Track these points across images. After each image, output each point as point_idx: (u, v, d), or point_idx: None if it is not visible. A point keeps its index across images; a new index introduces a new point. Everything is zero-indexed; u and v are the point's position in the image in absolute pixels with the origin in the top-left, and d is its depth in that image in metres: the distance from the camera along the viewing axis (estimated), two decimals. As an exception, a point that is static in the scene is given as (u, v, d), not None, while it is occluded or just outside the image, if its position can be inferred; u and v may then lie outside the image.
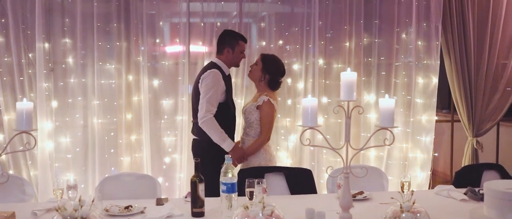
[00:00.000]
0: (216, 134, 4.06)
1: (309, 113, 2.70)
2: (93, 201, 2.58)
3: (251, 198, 3.12)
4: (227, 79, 4.21)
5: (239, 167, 4.29)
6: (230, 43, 4.23)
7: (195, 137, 4.28)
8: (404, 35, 5.31)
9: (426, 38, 5.30)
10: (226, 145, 4.07)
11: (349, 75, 2.67)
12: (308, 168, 4.75)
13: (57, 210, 2.46)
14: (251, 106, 4.24)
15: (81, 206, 2.48)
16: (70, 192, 3.26)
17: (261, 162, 4.22)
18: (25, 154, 4.84)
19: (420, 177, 5.42)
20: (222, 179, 3.04)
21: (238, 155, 4.14)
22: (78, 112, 4.93)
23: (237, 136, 4.57)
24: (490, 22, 5.29)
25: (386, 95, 2.78)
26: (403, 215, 2.74)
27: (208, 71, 4.11)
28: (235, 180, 3.04)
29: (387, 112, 2.74)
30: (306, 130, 2.75)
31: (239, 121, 4.68)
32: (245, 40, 4.30)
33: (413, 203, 2.77)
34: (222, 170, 3.05)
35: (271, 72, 4.26)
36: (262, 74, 4.25)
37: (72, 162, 4.95)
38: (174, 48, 5.08)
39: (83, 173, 4.96)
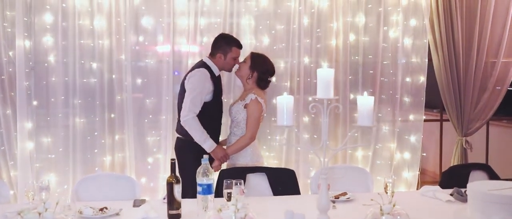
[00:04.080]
0: (197, 134, 3.97)
1: (285, 111, 2.58)
2: (57, 203, 2.45)
3: (229, 199, 3.01)
4: (216, 79, 4.13)
5: (224, 165, 4.19)
6: (223, 49, 4.12)
7: (179, 136, 4.21)
8: (391, 33, 5.21)
9: (414, 36, 5.23)
10: (207, 145, 3.97)
11: (326, 72, 2.54)
12: (293, 168, 4.66)
13: (19, 214, 2.33)
14: (238, 105, 4.12)
15: (46, 209, 2.35)
16: (43, 193, 3.11)
17: (248, 162, 4.11)
18: (6, 154, 4.74)
19: (408, 177, 5.34)
20: (198, 180, 2.97)
21: (219, 155, 4.04)
22: (60, 111, 4.83)
23: (223, 135, 4.48)
24: (479, 19, 5.18)
25: (365, 92, 2.65)
26: (383, 218, 2.61)
27: (196, 70, 4.03)
28: (211, 181, 2.98)
29: (366, 110, 2.61)
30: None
31: (225, 120, 4.56)
32: (239, 46, 4.18)
33: (394, 205, 2.65)
34: (198, 170, 2.98)
35: (259, 70, 4.14)
36: (250, 72, 4.13)
37: (55, 163, 4.85)
38: (158, 46, 4.99)
39: (66, 174, 4.86)
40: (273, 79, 5.03)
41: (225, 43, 4.13)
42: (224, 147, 4.20)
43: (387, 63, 5.24)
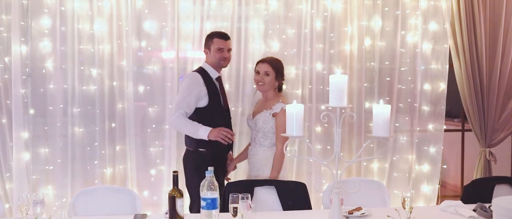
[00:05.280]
0: (186, 128, 4.02)
1: (295, 120, 2.52)
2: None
3: (235, 214, 3.04)
4: (211, 83, 4.12)
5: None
6: (207, 44, 4.20)
7: (187, 147, 4.21)
8: (409, 38, 5.16)
9: (434, 41, 5.18)
10: (202, 132, 3.96)
11: (339, 79, 2.49)
12: (305, 180, 4.64)
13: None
14: (265, 114, 4.12)
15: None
16: (37, 207, 3.07)
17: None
18: (1, 165, 4.71)
19: (428, 190, 5.27)
20: (202, 194, 2.95)
21: (216, 133, 3.96)
22: (58, 120, 4.81)
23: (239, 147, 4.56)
24: (504, 22, 5.12)
25: (381, 101, 2.59)
26: (400, 235, 2.54)
27: (187, 74, 4.13)
28: (215, 195, 2.95)
29: (382, 119, 2.55)
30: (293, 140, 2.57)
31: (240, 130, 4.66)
32: (221, 37, 4.18)
33: (412, 222, 2.58)
34: (202, 183, 2.96)
35: (282, 76, 4.23)
36: (276, 82, 4.19)
37: (52, 175, 4.82)
38: (162, 52, 4.98)
39: (64, 186, 4.83)
40: (284, 86, 5.03)
41: (207, 38, 4.23)
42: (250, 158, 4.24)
43: (405, 69, 5.19)
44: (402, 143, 5.26)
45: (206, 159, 3.95)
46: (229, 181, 4.27)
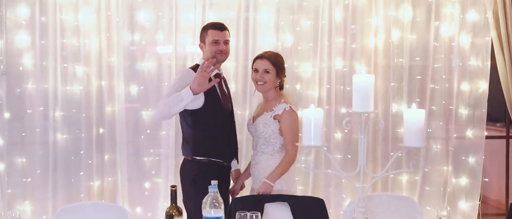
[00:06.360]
0: (170, 105, 3.85)
1: (312, 127, 2.52)
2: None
3: None
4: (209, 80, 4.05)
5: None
6: (201, 37, 4.21)
7: (184, 157, 4.20)
8: (444, 30, 5.15)
9: (473, 33, 5.16)
10: (185, 92, 3.82)
11: (364, 79, 2.48)
12: (322, 195, 4.64)
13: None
14: (265, 117, 4.09)
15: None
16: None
17: (283, 188, 4.07)
18: (-27, 178, 4.75)
19: (466, 208, 5.25)
20: (204, 212, 2.97)
21: (199, 75, 3.85)
22: (38, 125, 4.83)
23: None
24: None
25: (414, 105, 2.57)
26: (436, 263, 2.53)
27: (180, 69, 4.16)
28: (220, 214, 2.97)
29: (415, 126, 2.53)
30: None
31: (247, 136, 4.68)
32: (216, 28, 4.17)
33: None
34: (204, 200, 2.98)
35: (283, 73, 4.19)
36: (277, 80, 4.15)
37: (31, 188, 4.84)
38: (157, 47, 5.01)
39: (44, 202, 4.85)
40: (298, 86, 5.03)
41: (202, 31, 4.23)
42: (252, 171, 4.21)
43: (439, 66, 5.19)
44: (435, 152, 5.23)
45: (205, 169, 3.98)
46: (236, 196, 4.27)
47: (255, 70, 4.14)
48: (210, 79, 3.85)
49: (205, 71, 3.79)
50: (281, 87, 4.20)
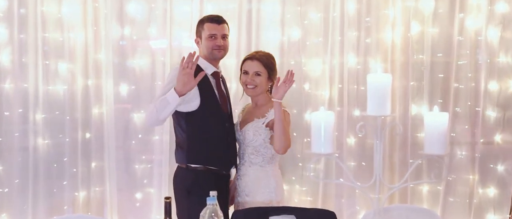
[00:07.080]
0: (158, 110, 3.82)
1: (322, 133, 2.49)
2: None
3: None
4: (206, 79, 4.02)
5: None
6: (197, 31, 4.20)
7: (178, 164, 4.19)
8: (469, 22, 5.14)
9: (503, 26, 5.15)
10: (170, 94, 3.78)
11: (380, 79, 2.45)
12: (334, 207, 4.69)
13: None
14: (257, 124, 4.08)
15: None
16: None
17: (272, 200, 4.07)
18: None
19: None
20: None
21: (181, 73, 3.78)
22: (16, 129, 4.84)
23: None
24: None
25: (435, 107, 2.54)
26: None
27: (174, 67, 4.07)
28: None
29: (437, 131, 2.51)
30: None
31: None
32: (213, 21, 4.16)
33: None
34: (202, 213, 2.95)
35: (275, 75, 4.14)
36: (268, 82, 4.16)
37: (8, 199, 4.85)
38: (150, 41, 5.03)
39: (24, 214, 4.86)
40: (306, 86, 5.02)
41: (198, 24, 4.22)
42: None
43: (464, 63, 5.19)
44: (460, 159, 5.23)
45: (201, 177, 3.98)
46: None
47: (245, 72, 4.13)
48: (197, 75, 3.78)
49: (186, 68, 3.72)
50: (270, 88, 4.18)
